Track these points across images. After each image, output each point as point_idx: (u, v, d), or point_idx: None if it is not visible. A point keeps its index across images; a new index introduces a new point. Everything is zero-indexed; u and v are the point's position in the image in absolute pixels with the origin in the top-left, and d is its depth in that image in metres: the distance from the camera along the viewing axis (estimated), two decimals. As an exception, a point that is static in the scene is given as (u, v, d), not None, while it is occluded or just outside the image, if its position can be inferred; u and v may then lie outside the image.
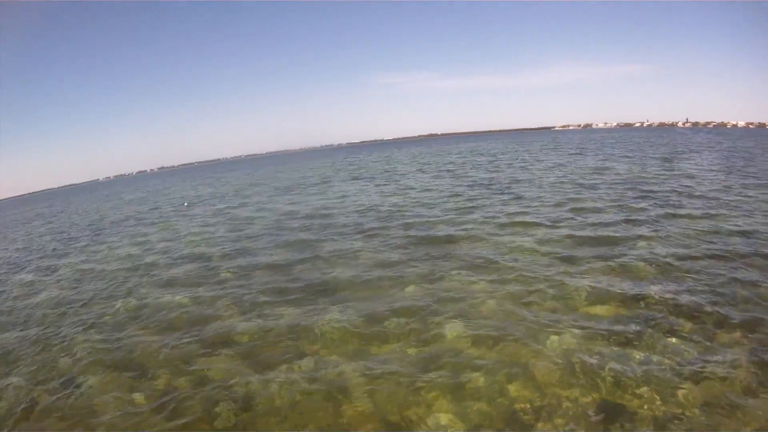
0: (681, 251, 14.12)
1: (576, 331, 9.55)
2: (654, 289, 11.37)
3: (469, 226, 19.35)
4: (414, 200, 27.64)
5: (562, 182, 30.61)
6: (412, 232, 18.99)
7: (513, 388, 7.83)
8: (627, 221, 18.18)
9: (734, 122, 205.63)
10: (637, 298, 10.92)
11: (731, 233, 15.78)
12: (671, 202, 21.57)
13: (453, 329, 9.89)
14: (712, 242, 14.93)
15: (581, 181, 30.76)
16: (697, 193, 23.70)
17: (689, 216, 18.63)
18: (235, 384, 8.71)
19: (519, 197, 25.54)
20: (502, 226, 18.98)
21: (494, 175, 38.67)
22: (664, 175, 32.03)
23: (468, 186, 32.60)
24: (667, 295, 10.91)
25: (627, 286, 11.67)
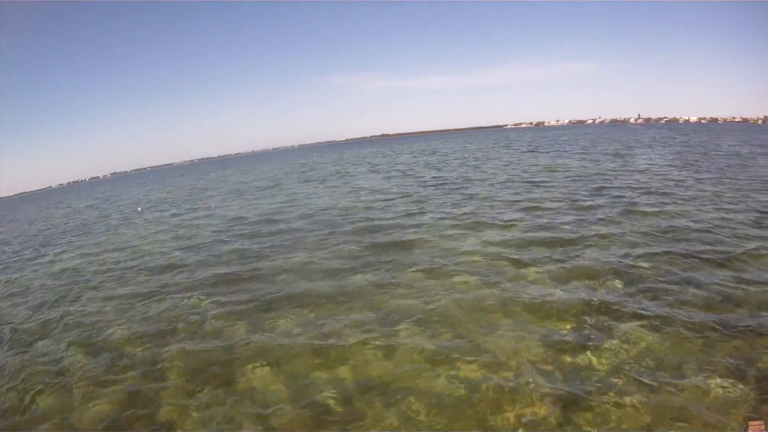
0: (635, 250, 14.18)
1: (532, 333, 9.51)
2: (607, 289, 11.47)
3: (421, 227, 19.22)
4: (365, 202, 27.41)
5: (513, 180, 30.81)
6: (363, 236, 18.72)
7: (473, 393, 7.77)
8: (580, 219, 18.23)
9: (686, 117, 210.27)
10: (590, 298, 10.91)
11: (685, 229, 16.03)
12: (625, 199, 21.78)
13: (408, 335, 9.87)
14: (666, 239, 15.10)
15: (533, 179, 31.02)
16: (651, 189, 24.04)
17: (643, 212, 18.85)
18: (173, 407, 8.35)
19: (471, 197, 25.56)
20: (454, 227, 18.82)
21: (446, 174, 38.74)
22: (617, 171, 32.54)
23: (419, 186, 32.56)
24: (622, 296, 10.97)
25: (579, 287, 11.67)
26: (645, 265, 12.75)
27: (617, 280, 11.76)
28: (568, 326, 9.64)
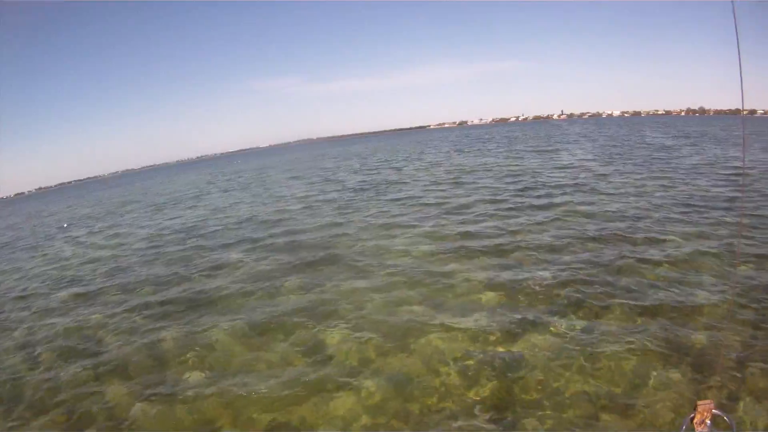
0: (559, 242, 14.67)
1: (458, 327, 9.69)
2: (535, 281, 11.75)
3: (345, 231, 19.19)
4: (289, 209, 27.03)
5: (438, 182, 30.90)
6: (288, 242, 18.59)
7: (401, 388, 7.99)
8: (506, 217, 18.56)
9: (609, 112, 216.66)
10: (518, 292, 11.21)
11: (610, 219, 16.81)
12: (551, 195, 22.27)
13: (336, 336, 10.04)
14: (592, 230, 15.60)
15: (457, 179, 31.24)
16: (577, 184, 24.73)
17: (568, 206, 19.45)
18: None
19: (393, 200, 25.56)
20: (378, 228, 19.00)
21: (369, 178, 38.67)
22: (542, 168, 33.26)
23: (343, 191, 32.32)
24: (549, 287, 11.30)
25: (507, 282, 11.85)
26: (572, 259, 13.13)
27: (546, 276, 11.94)
28: (495, 324, 9.73)
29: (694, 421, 3.40)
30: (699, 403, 3.41)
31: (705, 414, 3.39)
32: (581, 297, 10.52)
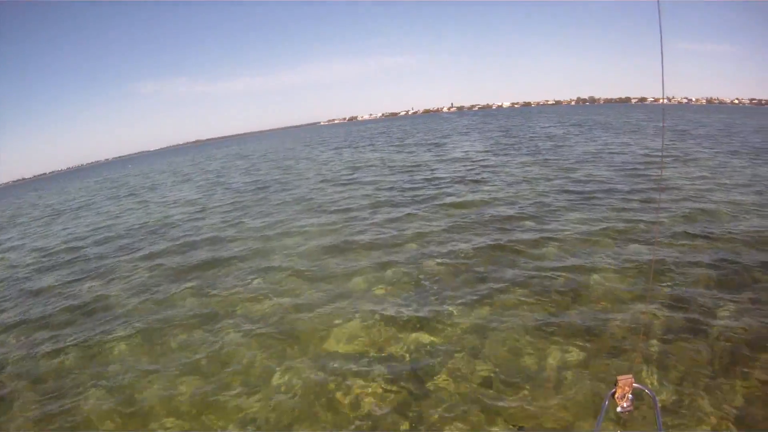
0: (451, 232, 15.12)
1: (355, 323, 9.92)
2: (430, 271, 12.13)
3: (234, 234, 18.86)
4: (176, 215, 26.09)
5: (327, 180, 30.61)
6: (179, 247, 18.16)
7: (308, 383, 8.06)
8: (397, 211, 18.68)
9: (499, 103, 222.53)
10: (414, 290, 11.28)
11: (503, 207, 17.20)
12: (440, 186, 22.90)
13: (235, 337, 10.04)
14: (484, 219, 16.17)
15: (347, 176, 31.06)
16: (466, 174, 25.47)
17: (460, 196, 19.96)
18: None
19: (283, 201, 24.97)
20: (268, 228, 18.89)
21: (258, 178, 37.94)
22: (431, 160, 33.56)
23: (231, 193, 31.57)
24: (446, 276, 11.74)
25: (403, 281, 11.90)
26: (468, 250, 13.35)
27: (442, 271, 12.11)
28: (392, 317, 9.93)
29: (616, 395, 3.58)
30: (619, 378, 3.59)
31: (626, 388, 3.58)
32: (482, 285, 10.87)
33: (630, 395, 3.57)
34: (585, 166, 25.57)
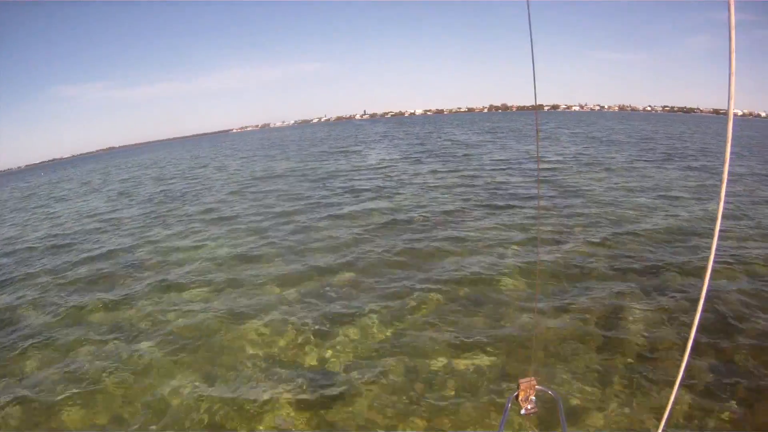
0: (361, 238, 15.34)
1: (264, 331, 9.96)
2: (339, 279, 12.27)
3: (143, 246, 18.26)
4: (88, 226, 24.77)
5: (236, 191, 29.66)
6: (87, 260, 17.34)
7: (218, 394, 7.99)
8: (311, 225, 18.20)
9: (412, 110, 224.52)
10: (323, 292, 11.57)
11: (414, 211, 17.14)
12: (352, 193, 23.05)
13: (145, 349, 9.84)
14: (394, 223, 16.56)
15: (251, 189, 30.07)
16: (377, 181, 25.34)
17: (372, 203, 19.93)
18: None
19: (190, 213, 24.16)
20: (177, 239, 18.56)
21: (167, 188, 36.71)
22: (346, 168, 33.61)
23: (142, 202, 30.52)
24: (353, 284, 11.85)
25: (312, 291, 11.76)
26: (375, 258, 13.54)
27: (350, 279, 12.23)
28: (302, 323, 10.03)
29: (519, 398, 3.52)
30: (521, 381, 3.53)
31: (528, 391, 3.52)
32: (389, 292, 11.04)
33: (533, 397, 3.54)
34: (495, 173, 26.25)
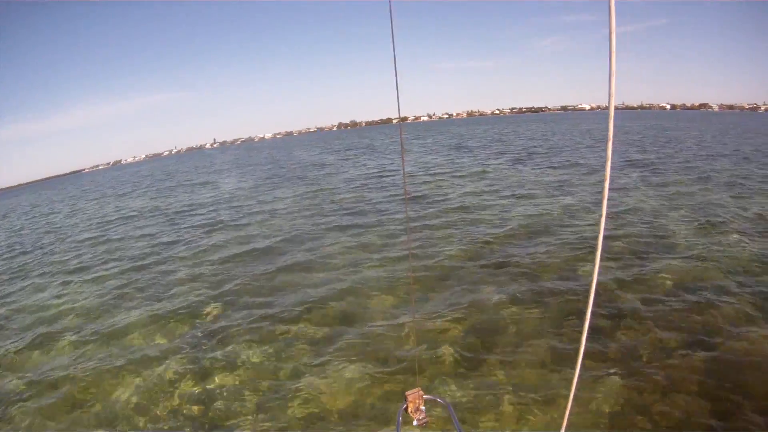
0: (218, 268, 15.49)
1: (146, 373, 9.61)
2: (205, 316, 11.88)
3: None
4: None
5: (87, 239, 27.27)
6: None
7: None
8: (168, 260, 17.94)
9: (262, 135, 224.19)
10: (191, 335, 11.09)
11: (273, 238, 17.57)
12: (203, 227, 22.66)
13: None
14: (248, 253, 16.64)
15: (105, 235, 27.70)
16: (240, 215, 24.85)
17: (234, 238, 19.49)
18: None
19: (44, 265, 22.14)
20: (34, 292, 17.36)
21: (17, 239, 33.31)
22: (198, 202, 32.46)
23: None
24: (219, 327, 11.22)
25: (179, 328, 11.60)
26: (240, 287, 13.41)
27: (217, 310, 12.04)
28: (181, 363, 9.69)
29: (408, 410, 3.53)
30: (408, 393, 3.54)
31: (417, 401, 3.54)
32: (259, 316, 11.12)
33: (422, 407, 3.55)
34: (353, 191, 26.49)
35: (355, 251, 15.20)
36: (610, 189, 1.74)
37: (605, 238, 13.17)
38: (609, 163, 1.81)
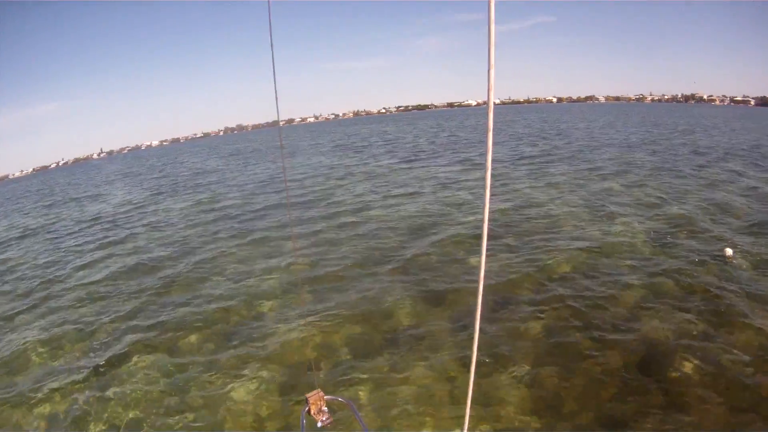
0: (110, 283, 15.01)
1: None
2: (102, 331, 11.60)
3: None
4: None
5: None
6: None
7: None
8: (60, 279, 16.86)
9: (149, 143, 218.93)
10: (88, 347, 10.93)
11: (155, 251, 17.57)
12: (91, 245, 21.43)
13: None
14: (141, 268, 16.01)
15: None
16: (129, 226, 24.22)
17: (110, 258, 18.56)
18: None
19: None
20: None
21: None
22: (88, 217, 30.55)
23: None
24: (112, 338, 11.12)
25: (75, 344, 11.31)
26: (130, 298, 13.27)
27: (110, 323, 11.84)
28: (76, 380, 9.39)
29: (311, 412, 3.57)
30: (308, 395, 3.61)
31: (318, 403, 3.59)
32: (151, 324, 11.17)
33: (325, 408, 3.58)
34: (240, 197, 26.54)
35: (245, 259, 15.10)
36: (503, 184, 1.65)
37: (497, 230, 13.66)
38: (490, 155, 1.75)
